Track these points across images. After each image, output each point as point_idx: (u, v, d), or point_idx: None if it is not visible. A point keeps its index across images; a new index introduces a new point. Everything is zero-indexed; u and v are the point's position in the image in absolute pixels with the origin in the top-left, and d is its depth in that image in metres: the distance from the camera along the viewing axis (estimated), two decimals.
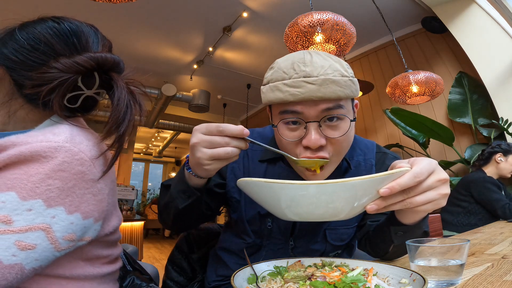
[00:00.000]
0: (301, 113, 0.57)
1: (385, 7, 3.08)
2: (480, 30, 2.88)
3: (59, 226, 0.43)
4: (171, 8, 3.29)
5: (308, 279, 0.45)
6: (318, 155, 0.57)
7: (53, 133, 0.46)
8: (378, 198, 0.45)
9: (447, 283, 0.43)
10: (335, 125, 0.58)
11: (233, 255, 0.75)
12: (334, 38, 1.84)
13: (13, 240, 0.40)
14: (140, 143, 10.10)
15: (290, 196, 0.45)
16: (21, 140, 0.44)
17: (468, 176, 2.11)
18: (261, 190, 0.47)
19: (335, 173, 0.70)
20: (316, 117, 0.56)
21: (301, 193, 0.43)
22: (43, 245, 0.42)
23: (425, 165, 0.45)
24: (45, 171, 0.42)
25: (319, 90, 0.54)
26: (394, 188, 0.43)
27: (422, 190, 0.45)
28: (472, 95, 2.99)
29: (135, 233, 4.54)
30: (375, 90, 3.66)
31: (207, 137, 0.52)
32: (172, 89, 4.53)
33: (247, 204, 0.72)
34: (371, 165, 0.73)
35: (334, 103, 0.56)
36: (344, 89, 0.56)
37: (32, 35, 0.50)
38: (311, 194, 0.43)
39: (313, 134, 0.56)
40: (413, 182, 0.44)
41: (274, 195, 0.46)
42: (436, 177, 0.46)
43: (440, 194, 0.46)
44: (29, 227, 0.41)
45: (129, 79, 0.55)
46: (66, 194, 0.44)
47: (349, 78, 0.57)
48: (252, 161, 0.74)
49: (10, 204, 0.40)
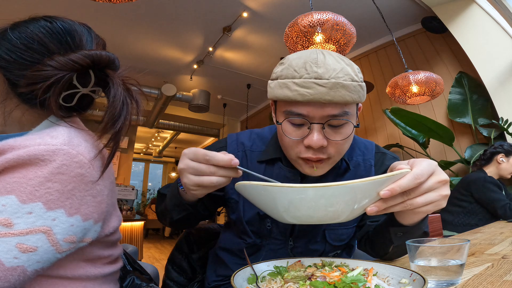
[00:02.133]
0: (307, 115, 0.57)
1: (385, 7, 3.08)
2: (480, 30, 2.88)
3: (60, 229, 0.43)
4: (171, 8, 3.28)
5: (308, 279, 0.45)
6: (318, 156, 0.59)
7: (51, 136, 0.46)
8: (379, 200, 0.45)
9: (447, 283, 0.43)
10: (338, 129, 0.59)
11: (232, 255, 0.75)
12: (334, 38, 1.84)
13: (14, 242, 0.40)
14: (140, 143, 10.10)
15: (288, 199, 0.44)
16: (19, 144, 0.44)
17: (469, 176, 2.10)
18: (259, 193, 0.47)
19: (335, 174, 0.70)
20: (321, 119, 0.56)
21: (300, 197, 0.43)
22: (44, 247, 0.42)
23: (425, 166, 0.45)
24: (44, 174, 0.42)
25: (328, 94, 0.54)
26: (395, 190, 0.43)
27: (423, 191, 0.45)
28: (472, 95, 2.99)
29: (135, 233, 4.54)
30: (375, 90, 3.66)
31: (194, 164, 0.52)
32: (172, 89, 4.53)
33: (246, 205, 0.72)
34: (370, 166, 0.73)
35: (340, 109, 0.56)
36: (353, 94, 0.56)
37: (25, 34, 0.50)
38: (310, 197, 0.42)
39: (316, 135, 0.56)
40: (413, 183, 0.43)
41: (272, 198, 0.45)
42: (437, 178, 0.46)
43: (441, 195, 0.46)
44: (30, 230, 0.41)
45: (125, 77, 0.55)
46: (66, 197, 0.44)
47: (358, 83, 0.57)
48: (250, 162, 0.73)
49: (11, 208, 0.41)
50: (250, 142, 0.75)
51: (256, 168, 0.72)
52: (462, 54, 2.95)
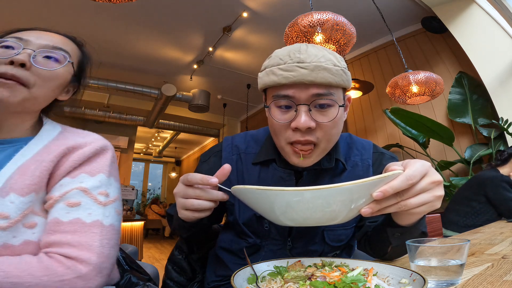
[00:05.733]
0: (292, 96, 0.59)
1: (385, 7, 3.08)
2: (480, 30, 2.88)
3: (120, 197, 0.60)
4: (171, 8, 3.29)
5: (308, 279, 0.45)
6: (306, 138, 0.59)
7: (87, 134, 0.61)
8: (372, 202, 0.45)
9: (447, 283, 0.43)
10: (325, 111, 0.60)
11: (232, 255, 0.75)
12: (334, 38, 1.84)
13: (113, 208, 0.55)
14: (140, 143, 10.10)
15: (285, 202, 0.44)
16: (80, 142, 0.57)
17: (482, 174, 2.06)
18: (255, 197, 0.47)
19: (331, 174, 0.71)
20: (307, 100, 0.58)
21: (296, 199, 0.43)
22: (121, 210, 0.58)
23: (418, 167, 0.45)
24: (109, 158, 0.59)
25: (310, 75, 0.57)
26: (387, 191, 0.43)
27: (416, 192, 0.45)
28: (472, 95, 2.99)
29: (135, 233, 4.54)
30: (375, 90, 3.66)
31: (182, 187, 0.55)
32: (172, 89, 4.53)
33: (242, 208, 0.72)
34: (368, 165, 0.73)
35: (325, 89, 0.59)
36: (335, 76, 0.59)
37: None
38: (306, 200, 0.43)
39: (303, 116, 0.58)
40: (406, 184, 0.43)
41: (268, 202, 0.46)
42: (430, 179, 0.45)
43: (434, 196, 0.45)
44: (117, 197, 0.57)
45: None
46: (117, 172, 0.61)
47: (341, 68, 0.60)
48: (245, 165, 0.74)
49: (103, 182, 0.55)
50: (244, 145, 0.76)
51: (251, 170, 0.72)
52: (462, 54, 2.96)
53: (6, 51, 0.54)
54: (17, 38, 0.56)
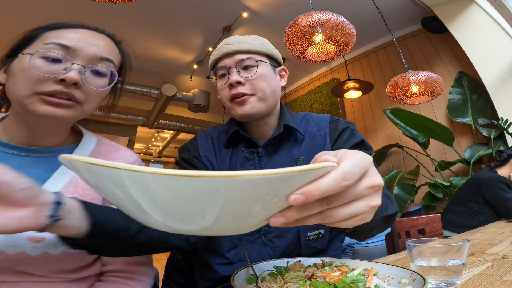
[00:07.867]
0: (224, 65, 0.76)
1: (385, 7, 3.08)
2: (480, 30, 2.88)
3: None
4: (171, 8, 3.29)
5: (308, 279, 0.45)
6: (239, 91, 0.73)
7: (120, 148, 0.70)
8: (287, 208, 0.30)
9: (447, 283, 0.43)
10: (250, 70, 0.75)
11: (216, 255, 0.75)
12: (334, 38, 1.84)
13: None
14: (140, 143, 10.10)
15: (143, 188, 0.25)
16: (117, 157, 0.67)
17: (480, 174, 2.06)
18: (96, 178, 0.27)
19: (291, 141, 0.77)
20: (234, 64, 0.75)
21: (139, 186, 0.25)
22: None
23: (357, 162, 0.31)
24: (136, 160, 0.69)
25: (233, 45, 0.75)
26: (311, 195, 0.28)
27: (349, 198, 0.31)
28: (472, 95, 2.99)
29: None
30: (375, 90, 3.66)
31: None
32: (172, 89, 4.52)
33: None
34: (325, 133, 0.78)
35: (246, 54, 0.75)
36: (254, 46, 0.75)
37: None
38: (162, 191, 0.25)
39: (233, 75, 0.74)
40: (339, 186, 0.29)
41: (120, 186, 0.26)
42: (369, 182, 0.32)
43: (369, 206, 0.32)
44: None
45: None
46: None
47: (260, 42, 0.77)
48: (219, 149, 0.81)
49: None
50: (216, 133, 0.86)
51: (223, 154, 0.80)
52: (462, 54, 2.96)
53: (53, 65, 0.52)
54: (62, 46, 0.53)
